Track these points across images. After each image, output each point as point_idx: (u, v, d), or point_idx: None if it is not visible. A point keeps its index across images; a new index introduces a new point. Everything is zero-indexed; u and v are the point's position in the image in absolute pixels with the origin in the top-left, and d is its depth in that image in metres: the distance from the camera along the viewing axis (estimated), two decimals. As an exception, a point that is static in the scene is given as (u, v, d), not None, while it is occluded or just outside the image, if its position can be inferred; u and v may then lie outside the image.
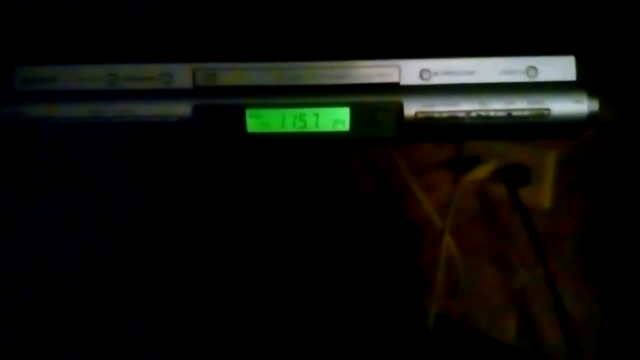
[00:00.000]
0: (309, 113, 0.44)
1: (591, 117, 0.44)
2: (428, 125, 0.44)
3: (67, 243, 0.55)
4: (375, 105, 0.44)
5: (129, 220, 0.55)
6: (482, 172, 0.57)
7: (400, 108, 0.44)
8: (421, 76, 0.44)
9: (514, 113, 0.44)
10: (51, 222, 0.54)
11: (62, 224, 0.54)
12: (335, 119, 0.44)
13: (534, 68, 0.45)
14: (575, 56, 0.44)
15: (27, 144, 0.44)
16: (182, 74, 0.44)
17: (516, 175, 0.57)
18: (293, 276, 0.57)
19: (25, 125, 0.43)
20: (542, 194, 0.57)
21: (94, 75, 0.44)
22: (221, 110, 0.44)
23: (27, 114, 0.43)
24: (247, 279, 0.57)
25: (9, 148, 0.44)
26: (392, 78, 0.44)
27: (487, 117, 0.44)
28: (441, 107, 0.44)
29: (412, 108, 0.44)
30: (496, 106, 0.44)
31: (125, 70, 0.44)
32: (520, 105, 0.44)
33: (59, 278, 0.55)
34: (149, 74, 0.44)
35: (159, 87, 0.44)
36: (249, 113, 0.44)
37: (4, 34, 0.44)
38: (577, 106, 0.44)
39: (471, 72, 0.44)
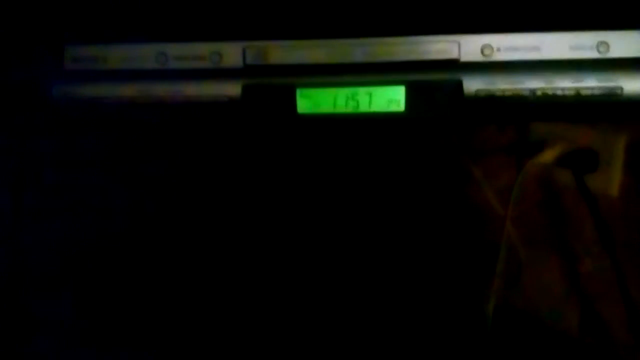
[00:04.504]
0: (362, 92, 0.42)
1: (669, 96, 0.41)
2: (489, 104, 0.42)
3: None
4: (433, 84, 0.42)
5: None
6: (546, 156, 0.55)
7: (459, 86, 0.41)
8: (482, 52, 0.42)
9: (583, 92, 0.41)
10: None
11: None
12: (390, 98, 0.42)
13: (605, 43, 0.41)
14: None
15: (77, 122, 0.44)
16: (232, 53, 0.43)
17: (583, 160, 0.55)
18: (350, 260, 0.57)
19: (76, 104, 0.43)
20: (610, 180, 0.55)
21: (144, 54, 0.43)
22: (271, 90, 0.43)
23: (77, 93, 0.43)
24: (308, 259, 0.57)
25: (59, 126, 0.44)
26: (451, 54, 0.42)
27: (554, 96, 0.41)
28: (504, 85, 0.41)
29: (472, 86, 0.41)
30: (563, 84, 0.41)
31: (174, 49, 0.43)
32: (590, 83, 0.41)
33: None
34: (199, 52, 0.43)
35: (209, 67, 0.43)
36: (299, 93, 0.42)
37: (54, 13, 0.44)
38: (653, 84, 0.41)
39: (537, 48, 0.42)
